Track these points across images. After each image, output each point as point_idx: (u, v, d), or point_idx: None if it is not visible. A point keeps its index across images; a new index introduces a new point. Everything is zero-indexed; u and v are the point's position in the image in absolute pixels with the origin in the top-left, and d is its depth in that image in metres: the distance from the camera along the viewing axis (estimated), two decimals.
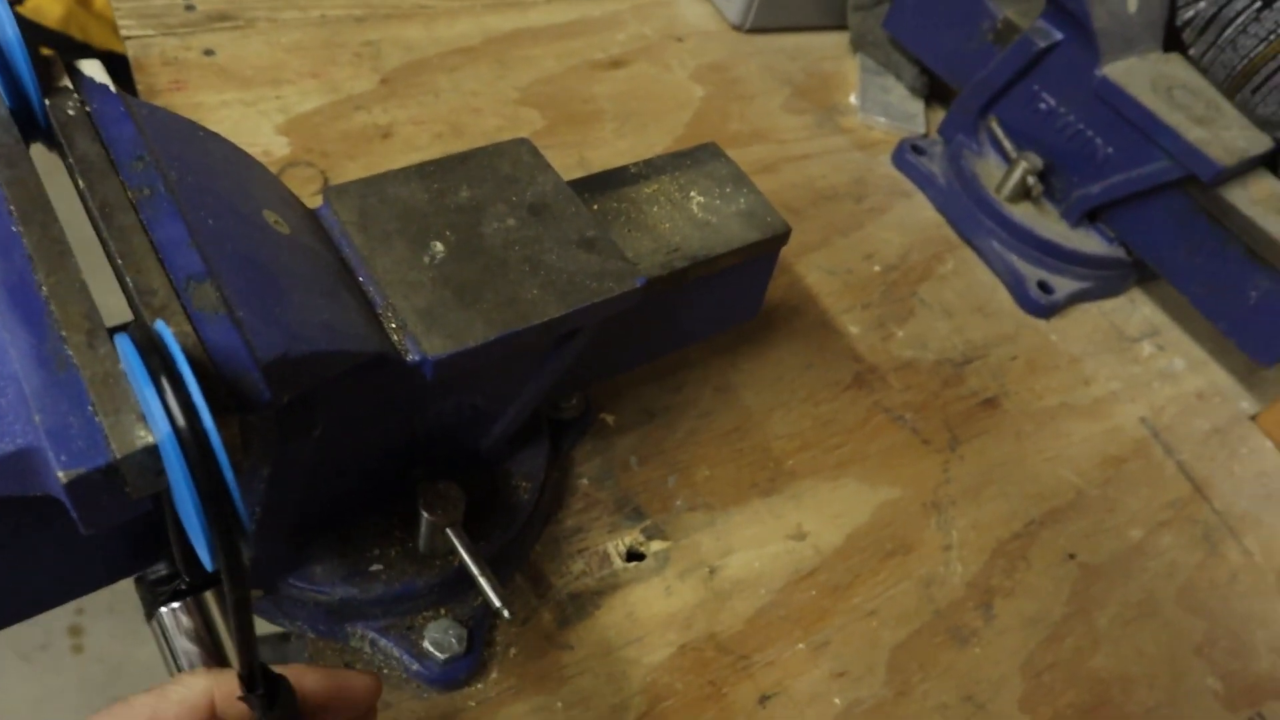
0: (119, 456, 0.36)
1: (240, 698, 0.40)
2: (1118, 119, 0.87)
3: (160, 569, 0.53)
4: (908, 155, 1.00)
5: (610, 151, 0.92)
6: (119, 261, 0.42)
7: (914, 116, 1.06)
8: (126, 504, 0.38)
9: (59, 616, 1.67)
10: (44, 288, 0.40)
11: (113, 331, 0.40)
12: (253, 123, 0.85)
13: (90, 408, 0.37)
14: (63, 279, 0.40)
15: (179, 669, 0.53)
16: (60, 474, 0.36)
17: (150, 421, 0.36)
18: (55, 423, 0.37)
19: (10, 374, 0.38)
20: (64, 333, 0.39)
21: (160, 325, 0.36)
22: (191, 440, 0.33)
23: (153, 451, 0.37)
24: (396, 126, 0.88)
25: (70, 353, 0.38)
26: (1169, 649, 0.74)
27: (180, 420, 0.33)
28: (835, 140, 1.02)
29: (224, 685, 0.41)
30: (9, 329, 0.39)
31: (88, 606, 1.70)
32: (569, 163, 0.90)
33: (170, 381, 0.33)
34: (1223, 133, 0.86)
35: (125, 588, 0.57)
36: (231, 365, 0.40)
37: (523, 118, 0.92)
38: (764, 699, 0.63)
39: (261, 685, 0.40)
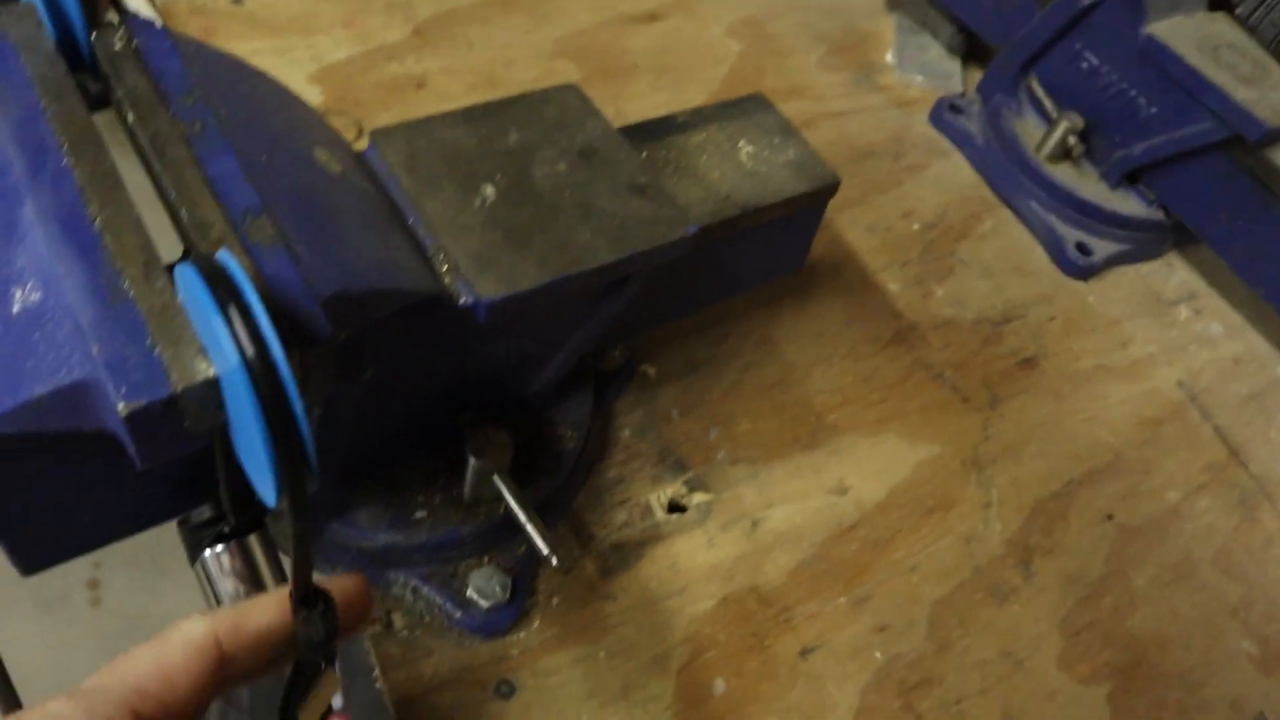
0: (179, 389, 0.36)
1: (297, 614, 0.40)
2: (1162, 78, 0.86)
3: (204, 512, 0.53)
4: (945, 114, 0.99)
5: (646, 105, 0.91)
6: (173, 195, 0.41)
7: (951, 75, 1.04)
8: (184, 438, 0.38)
9: (77, 569, 1.67)
10: (97, 220, 0.39)
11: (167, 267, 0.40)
12: (284, 72, 0.84)
13: (148, 340, 0.37)
14: (116, 212, 0.40)
15: None
16: (120, 405, 0.35)
17: (213, 353, 0.36)
18: (113, 355, 0.36)
19: (65, 306, 0.37)
20: (119, 265, 0.38)
21: (225, 255, 0.35)
22: (260, 370, 0.32)
23: (213, 384, 0.36)
24: (430, 77, 0.87)
25: (126, 285, 0.38)
26: (1205, 611, 0.74)
27: (249, 350, 0.32)
28: (872, 98, 1.00)
29: (224, 623, 0.40)
30: (63, 262, 0.38)
31: (105, 560, 1.70)
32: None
33: (239, 311, 0.33)
34: (1270, 93, 0.84)
35: (144, 540, 0.57)
36: (290, 300, 0.39)
37: (558, 70, 0.91)
38: (806, 651, 0.63)
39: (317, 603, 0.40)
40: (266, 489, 0.35)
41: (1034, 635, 0.68)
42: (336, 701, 0.46)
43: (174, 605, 1.82)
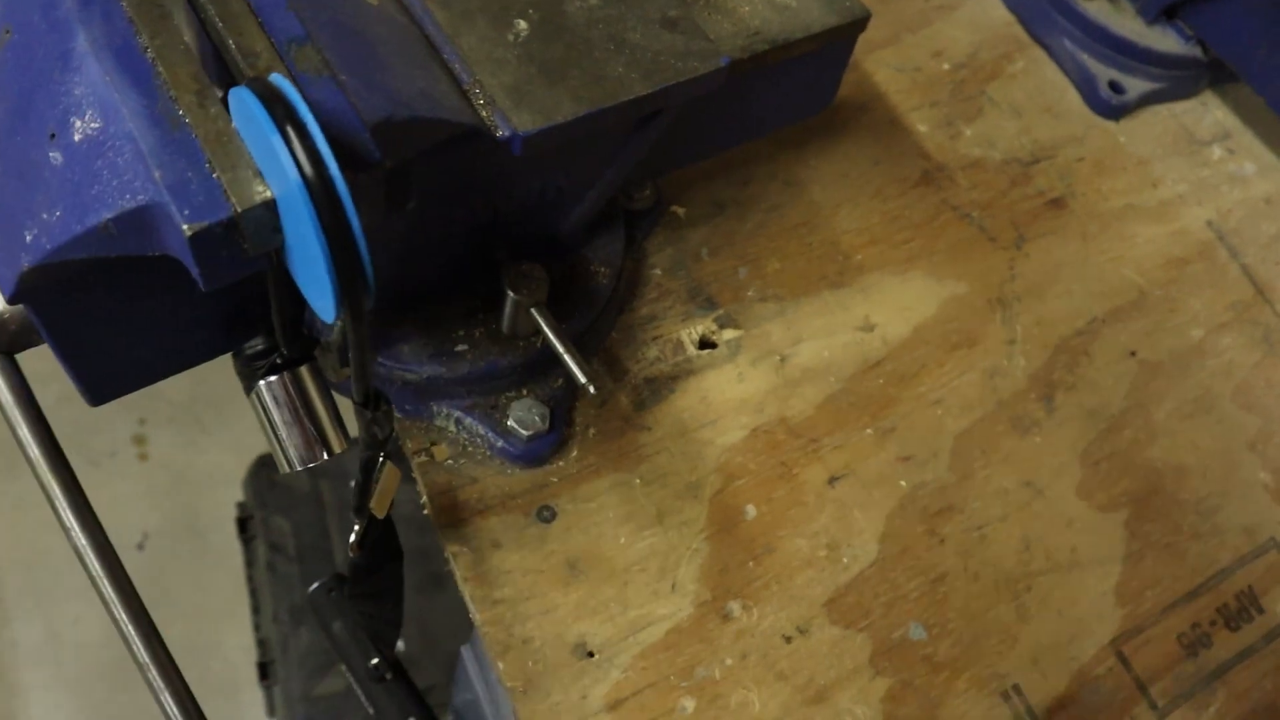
0: (239, 210, 0.37)
1: (361, 413, 0.43)
2: None
3: (257, 344, 0.55)
4: None
5: None
6: (219, 24, 0.42)
7: None
8: (243, 260, 0.39)
9: (122, 426, 1.73)
10: (149, 50, 0.40)
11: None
12: None
13: (207, 164, 0.38)
14: (167, 41, 0.41)
15: (277, 439, 0.56)
16: (185, 227, 0.37)
17: (270, 176, 0.37)
18: (175, 179, 0.38)
19: (125, 133, 0.39)
20: (174, 93, 0.39)
21: (278, 78, 0.36)
22: (318, 185, 0.33)
23: (270, 206, 0.38)
24: None
25: (182, 112, 0.39)
26: (1223, 443, 0.76)
27: (308, 167, 0.33)
28: None
29: None
30: (119, 90, 0.39)
31: (150, 417, 1.76)
32: None
33: (295, 131, 0.34)
34: None
35: (184, 397, 0.60)
36: (339, 125, 0.40)
37: None
38: (833, 480, 0.66)
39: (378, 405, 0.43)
40: (325, 305, 0.37)
41: (1054, 465, 0.71)
42: None
43: (216, 458, 1.87)
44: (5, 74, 0.42)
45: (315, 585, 0.62)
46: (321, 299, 0.37)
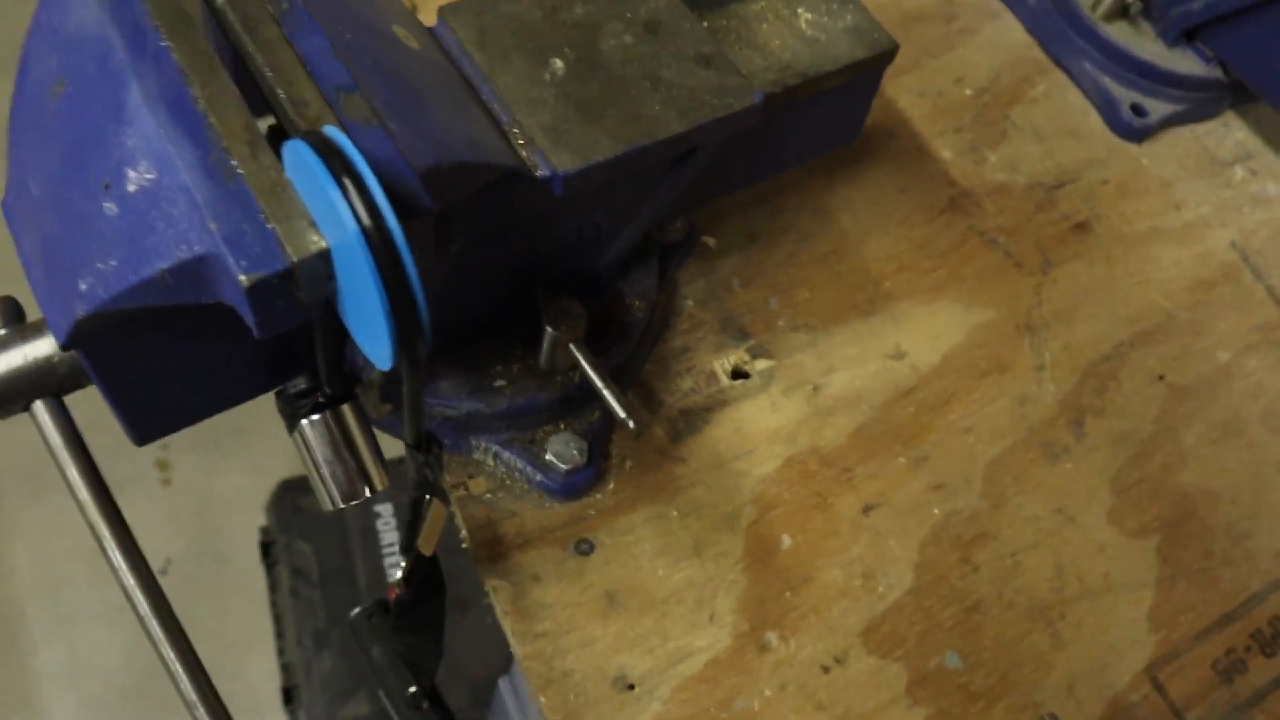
0: (295, 261, 0.38)
1: (414, 456, 0.43)
2: None
3: (300, 383, 0.56)
4: None
5: None
6: (268, 74, 0.42)
7: None
8: (297, 308, 0.40)
9: (146, 451, 1.74)
10: (200, 101, 0.41)
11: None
12: None
13: (261, 215, 0.39)
14: (217, 91, 0.41)
15: (320, 477, 0.56)
16: (242, 278, 0.37)
17: (325, 225, 0.37)
18: (231, 230, 0.38)
19: (180, 184, 0.39)
20: (226, 144, 0.40)
21: (333, 130, 0.37)
22: (377, 238, 0.34)
23: (325, 256, 0.38)
24: None
25: (235, 163, 0.40)
26: (1253, 467, 0.76)
27: (366, 219, 0.34)
28: None
29: None
30: (172, 141, 0.40)
31: (172, 442, 1.77)
32: None
33: (353, 183, 0.34)
34: None
35: (205, 424, 0.59)
36: (390, 173, 0.41)
37: None
38: (867, 509, 0.66)
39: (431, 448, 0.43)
40: (380, 352, 0.38)
41: (1085, 492, 0.71)
42: None
43: (239, 483, 1.88)
44: (60, 125, 0.42)
45: (356, 611, 0.63)
46: (377, 347, 0.38)
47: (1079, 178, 0.87)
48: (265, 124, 0.43)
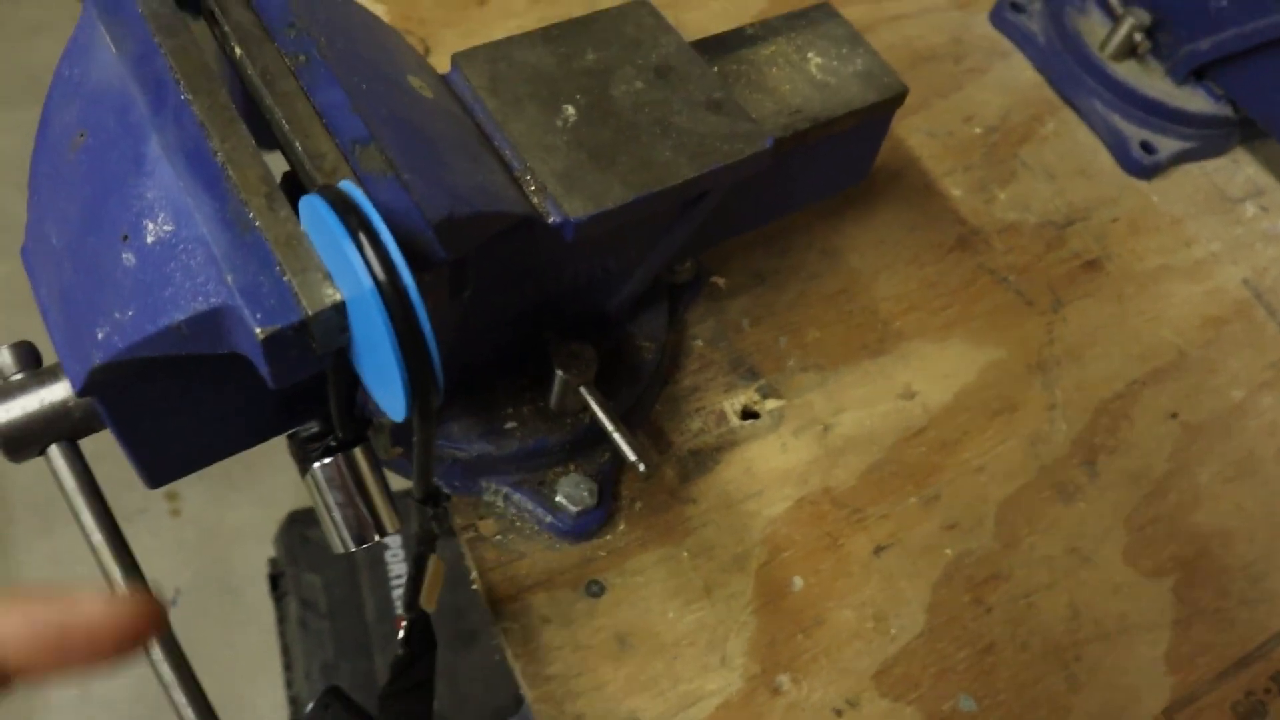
0: (310, 313, 0.38)
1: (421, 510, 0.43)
2: None
3: (312, 427, 0.56)
4: (1006, 13, 0.97)
5: (705, 14, 0.90)
6: (286, 127, 0.43)
7: None
8: (311, 359, 0.40)
9: None
10: (219, 154, 0.41)
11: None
12: None
13: (277, 268, 0.39)
14: (236, 145, 0.42)
15: (332, 520, 0.56)
16: (257, 331, 0.38)
17: (341, 279, 0.38)
18: (247, 282, 0.38)
19: (198, 236, 0.40)
20: (244, 196, 0.40)
21: (349, 185, 0.37)
22: (392, 293, 0.34)
23: (340, 308, 0.39)
24: None
25: (252, 215, 0.40)
26: (1268, 506, 0.75)
27: (381, 274, 0.34)
28: None
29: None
30: (191, 194, 0.40)
31: None
32: None
33: (369, 239, 0.35)
34: None
35: None
36: (404, 225, 0.41)
37: None
38: (879, 549, 0.66)
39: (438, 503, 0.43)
40: (394, 404, 0.38)
41: (1099, 531, 0.71)
42: None
43: (248, 514, 1.88)
44: (80, 176, 0.43)
45: (311, 705, 0.59)
46: (390, 399, 0.38)
47: (1089, 215, 0.87)
48: (269, 155, 0.44)
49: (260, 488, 1.76)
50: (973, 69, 0.94)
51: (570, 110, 0.55)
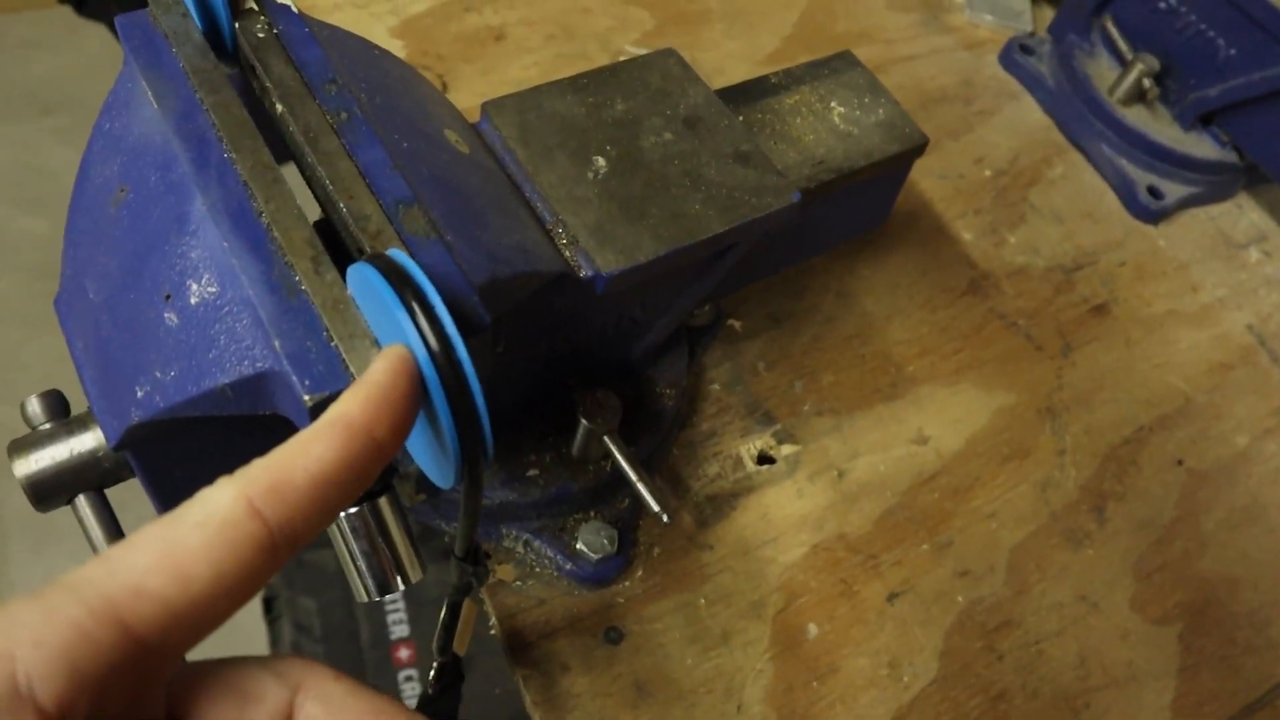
0: None
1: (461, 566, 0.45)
2: (1243, 19, 0.85)
3: None
4: (1016, 55, 0.98)
5: (720, 54, 0.91)
6: (329, 186, 0.43)
7: (1021, 14, 1.03)
8: None
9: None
10: (264, 214, 0.41)
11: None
12: (366, 26, 0.85)
13: (325, 333, 0.39)
14: (281, 205, 0.42)
15: (356, 569, 0.56)
16: (306, 398, 0.38)
17: (387, 343, 0.38)
18: (294, 348, 0.38)
19: (243, 299, 0.40)
20: (290, 259, 0.40)
21: (398, 253, 0.37)
22: (445, 363, 0.34)
23: None
24: (508, 28, 0.88)
25: (299, 278, 0.40)
26: (1273, 553, 0.76)
27: (434, 343, 0.34)
28: (942, 40, 1.00)
29: (260, 483, 0.31)
30: (236, 255, 0.40)
31: None
32: None
33: (421, 307, 0.35)
34: None
35: None
36: (448, 289, 0.41)
37: (632, 18, 0.91)
38: (892, 596, 0.66)
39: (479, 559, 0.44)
40: (444, 474, 0.38)
41: (1107, 578, 0.71)
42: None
43: None
44: (120, 231, 0.43)
45: None
46: (435, 465, 0.38)
47: (1097, 260, 0.88)
48: (287, 169, 0.44)
49: None
50: (983, 110, 0.95)
51: (601, 161, 0.55)
